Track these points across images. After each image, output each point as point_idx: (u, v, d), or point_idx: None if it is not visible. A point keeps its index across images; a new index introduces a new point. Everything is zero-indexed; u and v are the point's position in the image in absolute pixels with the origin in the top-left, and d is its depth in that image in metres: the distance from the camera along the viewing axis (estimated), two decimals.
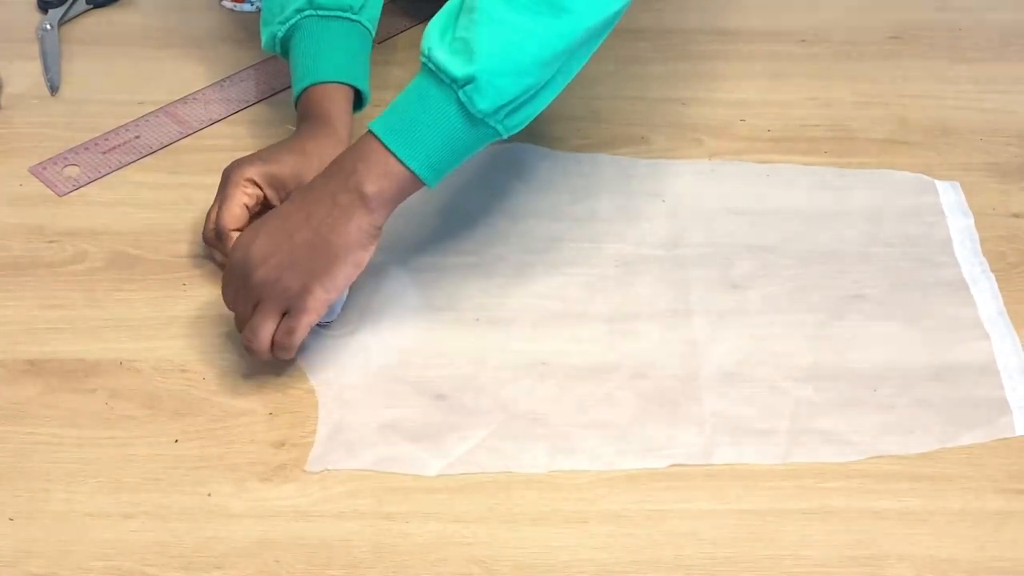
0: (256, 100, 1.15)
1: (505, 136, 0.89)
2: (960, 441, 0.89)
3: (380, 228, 0.89)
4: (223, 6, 1.26)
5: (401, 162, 0.87)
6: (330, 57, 1.01)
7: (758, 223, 1.05)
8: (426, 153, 0.87)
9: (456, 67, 0.86)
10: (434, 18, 0.89)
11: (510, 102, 0.87)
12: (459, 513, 0.84)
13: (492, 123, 0.88)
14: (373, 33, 1.06)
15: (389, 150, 0.87)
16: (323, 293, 0.87)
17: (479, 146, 0.90)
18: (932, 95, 1.19)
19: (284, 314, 0.87)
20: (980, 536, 0.84)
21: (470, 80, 0.86)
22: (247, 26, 1.22)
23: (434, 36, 0.88)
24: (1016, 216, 1.07)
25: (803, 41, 1.25)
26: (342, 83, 1.01)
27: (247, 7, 1.24)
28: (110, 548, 0.81)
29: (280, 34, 1.03)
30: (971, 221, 1.05)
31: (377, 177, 0.87)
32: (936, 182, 1.09)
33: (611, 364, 0.93)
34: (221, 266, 0.96)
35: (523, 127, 0.90)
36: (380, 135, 0.87)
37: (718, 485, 0.86)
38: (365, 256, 0.88)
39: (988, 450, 0.89)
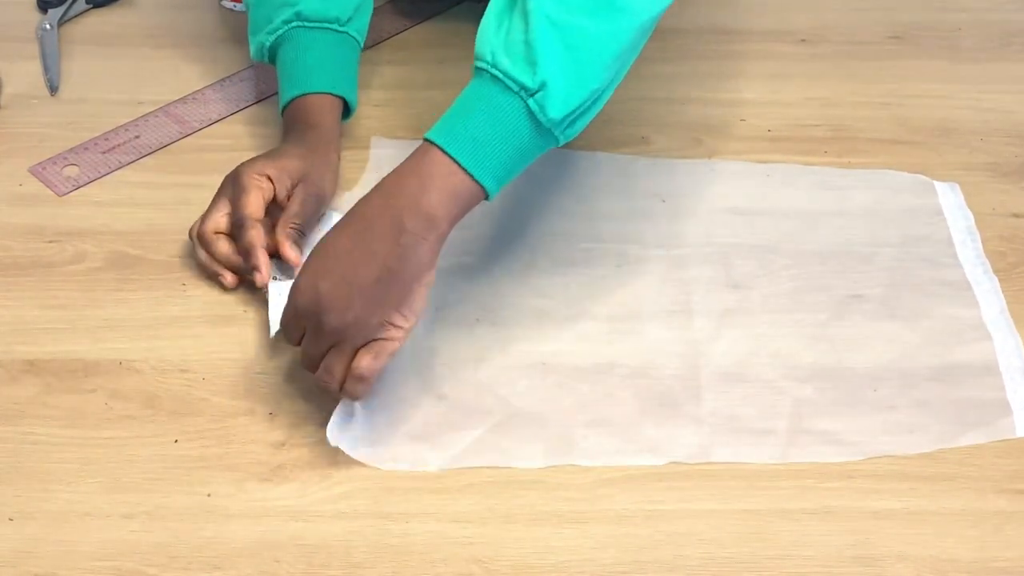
0: (256, 100, 1.15)
1: (561, 144, 0.88)
2: (960, 442, 0.89)
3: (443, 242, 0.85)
4: (223, 6, 1.26)
5: (471, 176, 0.83)
6: (317, 68, 1.02)
7: (758, 223, 1.05)
8: (494, 166, 0.84)
9: (525, 74, 0.83)
10: (485, 21, 0.87)
11: (576, 108, 0.85)
12: (459, 513, 0.84)
13: (556, 132, 0.86)
14: (361, 44, 1.06)
15: (459, 164, 0.83)
16: (403, 320, 0.84)
17: (537, 156, 0.87)
18: (932, 95, 1.19)
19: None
20: (980, 536, 0.84)
21: (541, 87, 0.83)
22: (247, 26, 1.22)
23: (494, 40, 0.85)
24: (1016, 216, 1.07)
25: (803, 41, 1.25)
26: (329, 94, 1.01)
27: None
28: (110, 548, 0.81)
29: (268, 44, 1.04)
30: (971, 222, 1.05)
31: (446, 197, 0.83)
32: (935, 183, 1.09)
33: (611, 363, 0.93)
34: (215, 269, 0.96)
35: (577, 135, 0.88)
36: (447, 149, 0.83)
37: (718, 485, 0.86)
38: (433, 272, 0.84)
39: (988, 450, 0.89)
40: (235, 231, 0.95)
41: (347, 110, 1.05)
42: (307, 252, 0.92)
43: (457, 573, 0.81)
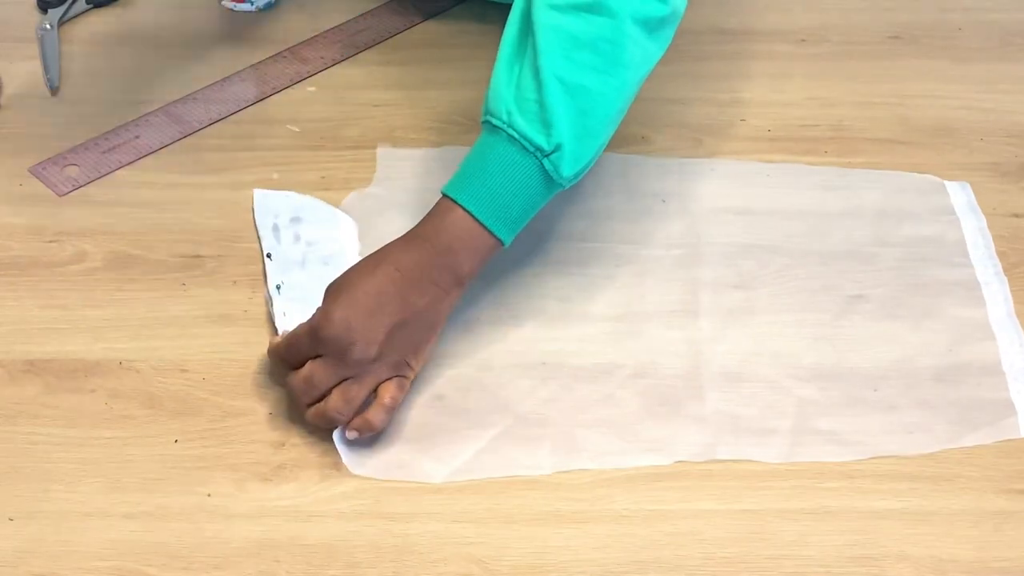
0: (256, 100, 1.15)
1: (566, 188, 0.91)
2: (964, 442, 0.89)
3: None
4: (223, 6, 1.26)
5: (491, 233, 0.88)
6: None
7: (758, 223, 1.05)
8: (511, 220, 0.88)
9: (540, 137, 0.87)
10: (496, 72, 0.90)
11: (586, 165, 0.90)
12: (459, 513, 0.84)
13: (565, 184, 0.90)
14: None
15: (482, 225, 0.87)
16: (415, 363, 0.88)
17: (544, 204, 0.91)
18: (932, 95, 1.19)
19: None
20: (980, 536, 0.84)
21: (556, 149, 0.87)
22: (247, 26, 1.22)
23: (507, 97, 0.88)
24: (1016, 216, 1.07)
25: (803, 41, 1.25)
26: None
27: (247, 7, 1.24)
28: (110, 548, 0.81)
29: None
30: (983, 222, 1.05)
31: (471, 253, 0.88)
32: (946, 183, 1.09)
33: (613, 364, 0.93)
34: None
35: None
36: (471, 209, 0.87)
37: (718, 485, 0.86)
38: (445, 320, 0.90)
39: (989, 450, 0.89)
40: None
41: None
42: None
43: (457, 573, 0.81)
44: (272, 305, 0.94)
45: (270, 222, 1.01)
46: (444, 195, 0.89)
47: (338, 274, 0.93)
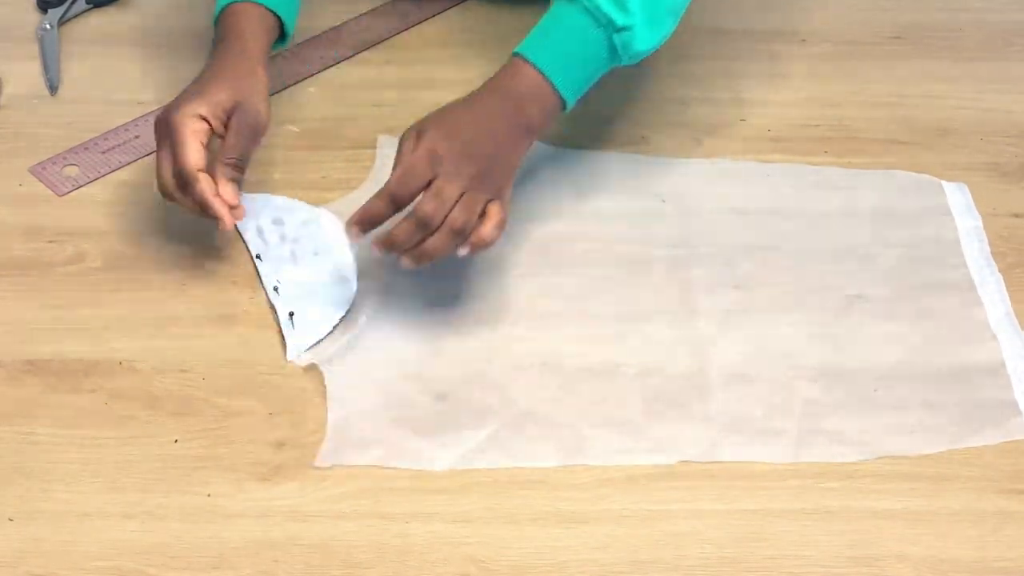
0: None
1: (624, 64, 0.97)
2: (971, 442, 0.89)
3: None
4: None
5: (558, 93, 0.93)
6: None
7: (759, 223, 1.05)
8: (577, 86, 0.95)
9: (616, 12, 0.92)
10: None
11: (648, 50, 0.96)
12: (458, 513, 0.84)
13: (625, 62, 0.96)
14: None
15: (551, 83, 0.93)
16: (506, 204, 0.92)
17: (601, 76, 0.97)
18: (932, 95, 1.19)
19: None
20: (980, 536, 0.84)
21: (628, 28, 0.93)
22: None
23: None
24: (1016, 216, 1.07)
25: (803, 41, 1.25)
26: (260, 5, 1.00)
27: None
28: (110, 548, 0.81)
29: None
30: (979, 223, 1.05)
31: (540, 108, 0.93)
32: (943, 183, 1.09)
33: (614, 363, 0.93)
34: (199, 211, 0.93)
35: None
36: (543, 68, 0.92)
37: (718, 485, 0.86)
38: None
39: (989, 450, 0.89)
40: (182, 188, 0.92)
41: (283, 35, 1.03)
42: None
43: (457, 573, 0.81)
44: (276, 307, 0.94)
45: (252, 225, 1.01)
46: (515, 55, 0.93)
47: (330, 262, 0.94)
